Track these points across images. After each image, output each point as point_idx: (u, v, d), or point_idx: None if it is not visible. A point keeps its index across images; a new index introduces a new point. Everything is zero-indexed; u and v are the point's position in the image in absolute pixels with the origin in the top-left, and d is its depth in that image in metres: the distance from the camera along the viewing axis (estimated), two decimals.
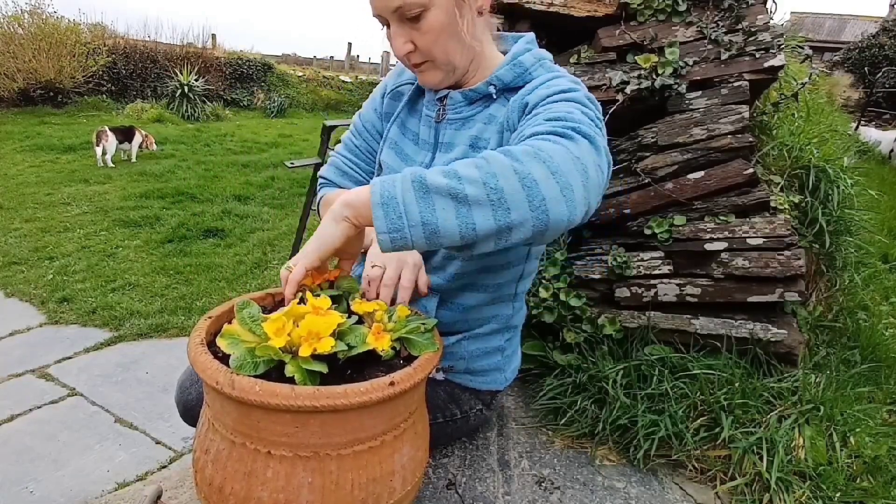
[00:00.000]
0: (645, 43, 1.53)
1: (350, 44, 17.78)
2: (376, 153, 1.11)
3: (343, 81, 14.06)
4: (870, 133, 8.58)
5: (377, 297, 0.82)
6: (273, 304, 0.84)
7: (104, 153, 6.22)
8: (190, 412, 1.01)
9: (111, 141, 6.27)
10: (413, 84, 1.08)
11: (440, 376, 1.10)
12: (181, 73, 10.28)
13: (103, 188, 5.52)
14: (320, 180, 1.16)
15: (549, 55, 0.98)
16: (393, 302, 0.82)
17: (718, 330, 1.47)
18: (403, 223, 0.63)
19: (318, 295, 0.73)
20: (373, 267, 0.83)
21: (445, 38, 0.88)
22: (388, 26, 0.90)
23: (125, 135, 6.54)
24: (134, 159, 6.62)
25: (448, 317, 1.04)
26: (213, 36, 12.78)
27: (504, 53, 1.00)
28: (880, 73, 10.72)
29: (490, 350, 1.10)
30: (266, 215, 5.00)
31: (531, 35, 1.01)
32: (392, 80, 1.12)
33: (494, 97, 0.97)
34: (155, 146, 6.86)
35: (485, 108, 0.98)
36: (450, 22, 0.87)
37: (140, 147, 6.70)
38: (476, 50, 0.94)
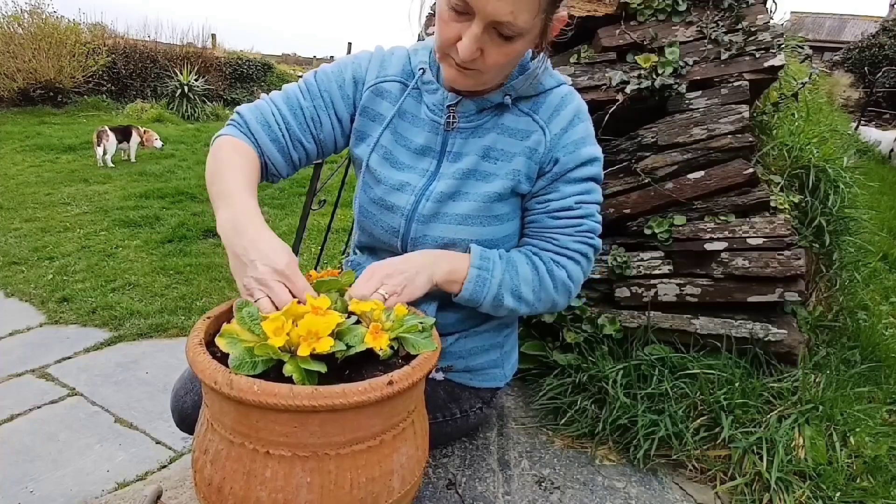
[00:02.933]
0: (645, 43, 1.53)
1: (350, 44, 17.77)
2: (319, 121, 1.00)
3: None
4: (870, 133, 8.59)
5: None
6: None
7: (105, 153, 6.22)
8: (186, 420, 0.98)
9: (111, 141, 6.27)
10: (402, 83, 1.01)
11: (439, 376, 1.09)
12: (181, 73, 10.28)
13: (103, 188, 5.52)
14: (235, 116, 0.99)
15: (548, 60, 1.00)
16: None
17: (718, 330, 1.47)
18: (474, 306, 0.96)
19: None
20: (257, 301, 0.73)
21: (513, 61, 0.88)
22: (460, 13, 0.80)
23: (123, 134, 6.53)
24: (133, 159, 6.62)
25: (451, 318, 1.03)
26: (213, 36, 12.79)
27: None
28: (880, 73, 10.72)
29: (488, 347, 1.10)
30: (266, 215, 4.99)
31: None
32: (374, 70, 1.03)
33: (509, 107, 0.96)
34: (158, 142, 6.80)
35: (494, 116, 0.97)
36: (524, 50, 0.87)
37: (140, 144, 6.69)
38: (512, 71, 0.96)
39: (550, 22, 0.85)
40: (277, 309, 0.71)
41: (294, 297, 0.73)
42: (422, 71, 0.99)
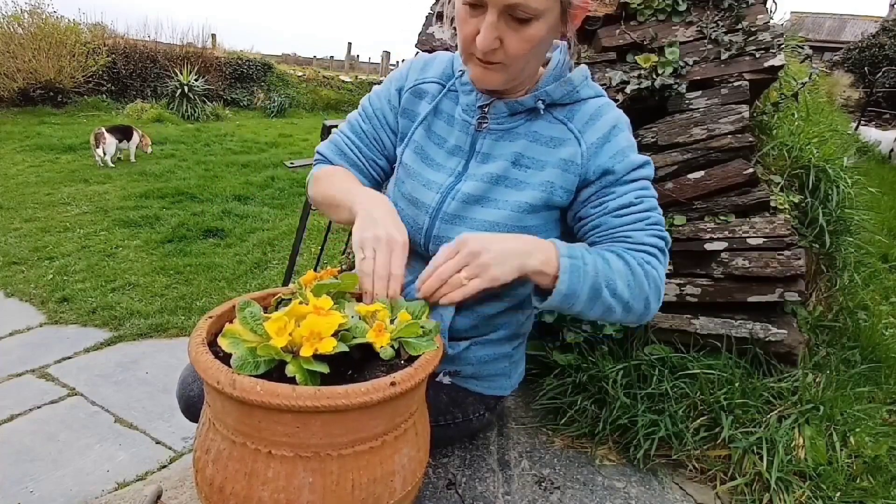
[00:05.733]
0: (645, 43, 1.53)
1: (350, 44, 17.81)
2: (380, 141, 1.08)
3: (343, 81, 14.07)
4: (870, 133, 8.59)
5: (373, 293, 0.79)
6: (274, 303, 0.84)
7: (104, 154, 6.25)
8: (192, 408, 1.00)
9: (110, 141, 6.29)
10: (441, 84, 1.03)
11: (446, 380, 1.09)
12: (181, 73, 10.28)
13: (103, 188, 5.52)
14: (316, 156, 1.11)
15: (588, 70, 0.99)
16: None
17: (718, 330, 1.47)
18: (567, 308, 0.85)
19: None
20: (362, 259, 0.80)
21: (535, 50, 0.85)
22: (475, 7, 0.82)
23: (124, 134, 6.55)
24: (133, 159, 6.62)
25: (464, 323, 1.02)
26: (213, 36, 12.79)
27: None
28: (880, 73, 10.73)
29: (498, 356, 1.09)
30: (266, 215, 5.01)
31: (564, 44, 0.97)
32: (414, 74, 1.06)
33: (542, 112, 0.95)
34: (150, 149, 6.82)
35: (527, 121, 0.96)
36: (546, 36, 0.84)
37: (137, 147, 6.70)
38: (538, 66, 0.94)
39: (570, 5, 0.83)
40: (374, 273, 0.79)
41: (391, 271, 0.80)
42: (461, 73, 0.99)
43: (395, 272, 0.80)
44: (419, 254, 1.04)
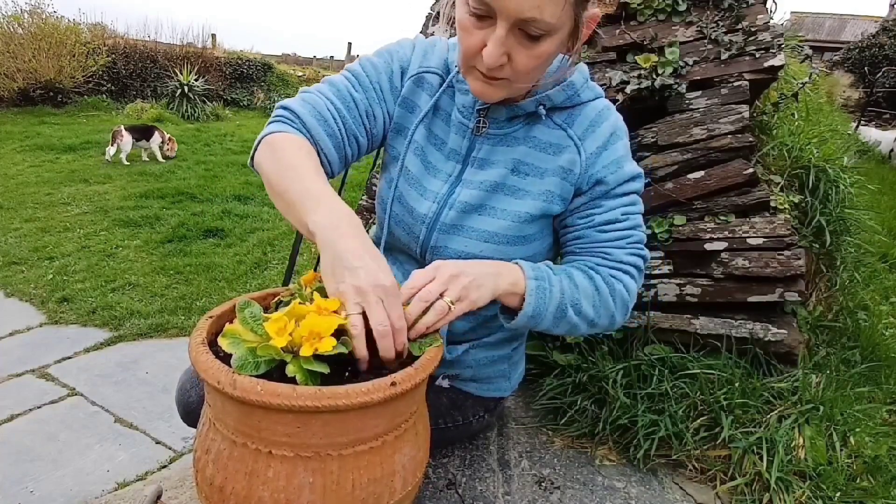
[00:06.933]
0: (645, 43, 1.53)
1: (350, 44, 17.83)
2: (373, 116, 0.95)
3: None
4: (870, 133, 8.60)
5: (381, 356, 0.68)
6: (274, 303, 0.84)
7: (119, 152, 6.31)
8: (191, 415, 0.99)
9: (126, 140, 6.35)
10: (441, 76, 0.97)
11: (445, 384, 1.09)
12: (181, 73, 10.28)
13: (103, 188, 5.52)
14: (280, 111, 0.90)
15: (587, 70, 0.95)
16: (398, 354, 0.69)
17: (718, 330, 1.47)
18: (533, 327, 0.88)
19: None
20: (347, 316, 0.66)
21: (543, 66, 0.81)
22: (481, 19, 0.76)
23: (143, 133, 6.61)
24: (160, 158, 6.69)
25: (462, 327, 1.01)
26: (213, 36, 12.79)
27: None
28: (880, 73, 10.74)
29: (497, 358, 1.08)
30: (266, 215, 5.00)
31: None
32: (416, 60, 0.97)
33: (542, 118, 0.91)
34: (175, 153, 6.85)
35: (525, 125, 0.92)
36: (554, 52, 0.80)
37: (162, 145, 6.75)
38: (541, 77, 0.89)
39: (581, 19, 0.78)
40: (368, 328, 0.66)
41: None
42: (457, 68, 0.93)
43: (396, 324, 0.68)
44: (414, 258, 1.01)
